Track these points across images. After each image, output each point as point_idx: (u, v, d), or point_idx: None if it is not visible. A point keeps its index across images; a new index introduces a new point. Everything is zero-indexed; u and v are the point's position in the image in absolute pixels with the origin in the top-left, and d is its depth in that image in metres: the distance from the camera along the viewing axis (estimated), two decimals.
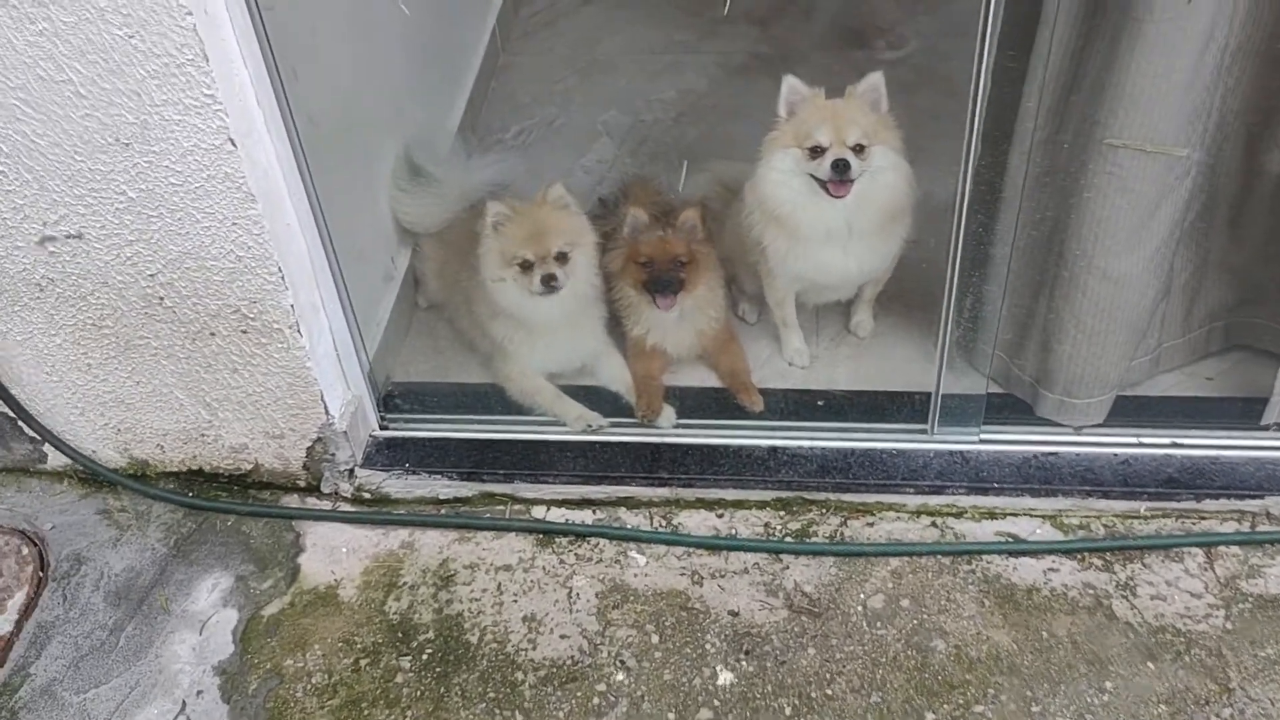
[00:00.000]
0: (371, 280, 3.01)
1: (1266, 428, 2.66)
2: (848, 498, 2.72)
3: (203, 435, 2.78)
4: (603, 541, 2.72)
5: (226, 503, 2.87)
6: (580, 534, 2.73)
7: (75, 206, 2.34)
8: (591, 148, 3.82)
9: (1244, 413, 2.70)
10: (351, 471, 2.83)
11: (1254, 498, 2.60)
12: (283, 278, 2.42)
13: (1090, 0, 2.17)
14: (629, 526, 2.74)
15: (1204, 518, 2.63)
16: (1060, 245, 2.46)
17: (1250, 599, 2.49)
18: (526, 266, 2.70)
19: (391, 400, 2.94)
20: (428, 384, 3.04)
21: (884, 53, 4.10)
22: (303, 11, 2.49)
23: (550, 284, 2.68)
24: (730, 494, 2.74)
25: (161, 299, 2.49)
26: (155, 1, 2.01)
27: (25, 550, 2.76)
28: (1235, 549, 2.58)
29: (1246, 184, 2.55)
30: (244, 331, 2.53)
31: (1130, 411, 2.73)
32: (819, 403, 2.87)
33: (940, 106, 3.85)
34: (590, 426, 2.84)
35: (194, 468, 2.87)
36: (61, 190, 2.31)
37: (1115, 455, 2.68)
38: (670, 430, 2.83)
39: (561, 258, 2.71)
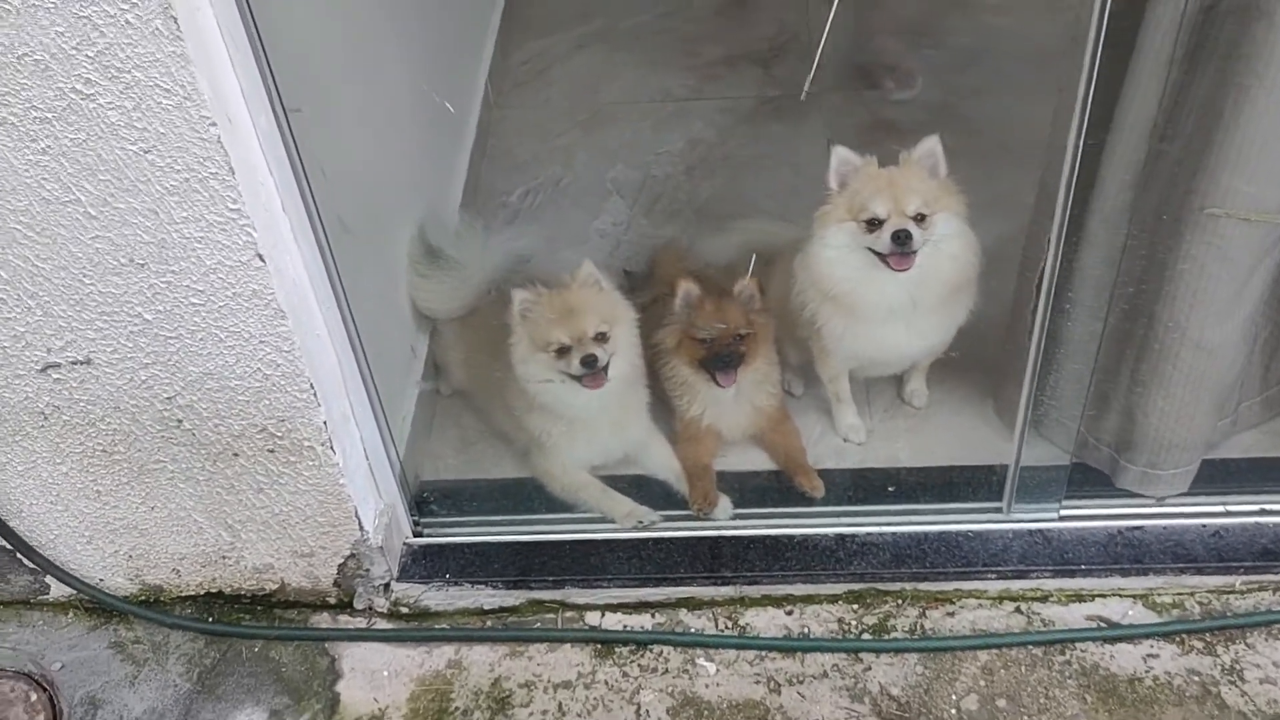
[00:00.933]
0: (394, 374, 2.79)
1: None
2: (924, 586, 2.55)
3: (224, 558, 2.56)
4: (666, 649, 2.53)
5: (251, 626, 2.64)
6: (641, 642, 2.54)
7: (83, 331, 2.11)
8: (603, 208, 3.63)
9: None
10: (387, 585, 2.61)
11: None
12: (314, 394, 2.21)
13: (1181, 77, 2.02)
14: (692, 630, 2.56)
15: None
16: (1149, 315, 2.31)
17: None
18: (563, 351, 2.50)
19: (424, 503, 2.73)
20: (461, 482, 2.83)
21: (894, 93, 3.95)
22: (327, 104, 2.29)
23: (591, 364, 2.48)
24: (799, 589, 2.57)
25: (180, 422, 2.27)
26: (174, 114, 1.80)
27: (34, 696, 2.51)
28: None
29: None
30: (271, 451, 2.32)
31: (1212, 477, 2.59)
32: (887, 487, 2.70)
33: (961, 146, 3.74)
34: (642, 523, 2.65)
35: (213, 590, 2.64)
36: (68, 315, 2.09)
37: (1204, 527, 2.54)
38: (728, 522, 2.65)
39: (600, 338, 2.52)
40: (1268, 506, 2.55)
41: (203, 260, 2.00)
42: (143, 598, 2.66)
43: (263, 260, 1.99)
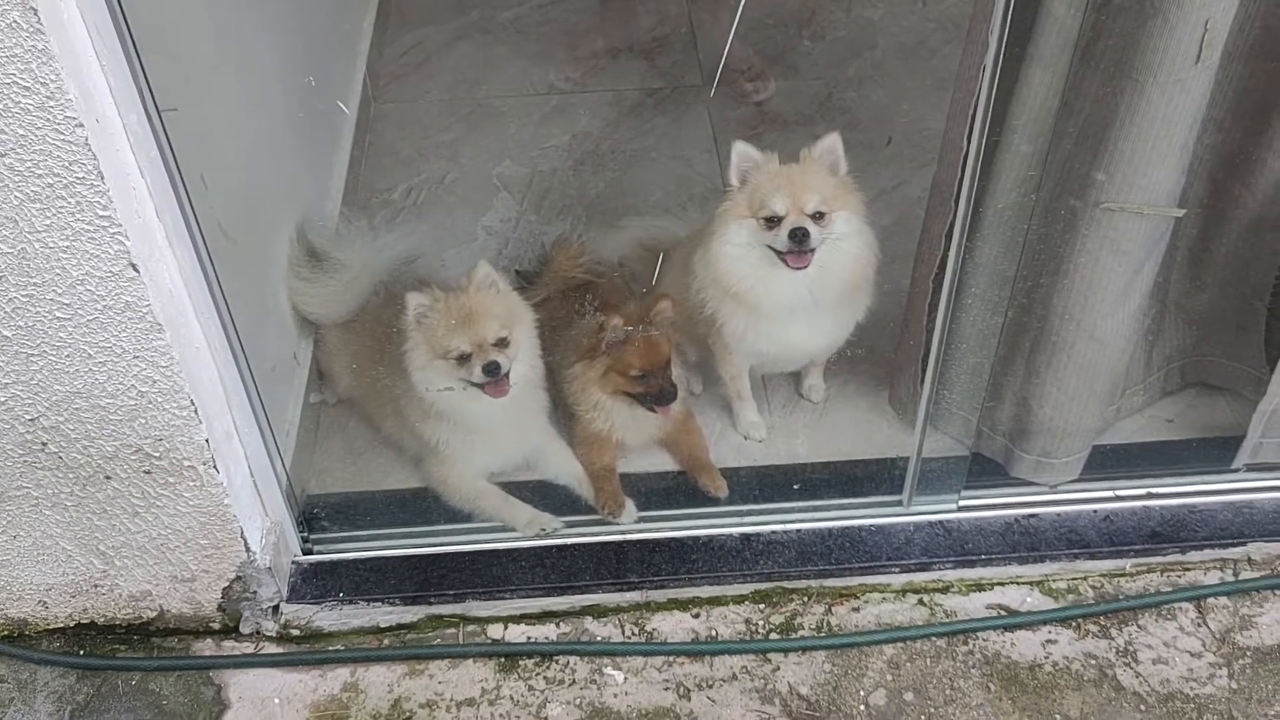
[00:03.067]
0: (278, 384, 2.65)
1: (1237, 470, 2.62)
2: (830, 583, 2.55)
3: (96, 586, 2.39)
4: (573, 659, 2.47)
5: (127, 657, 2.47)
6: (546, 653, 2.47)
7: None
8: (491, 205, 3.53)
9: (1211, 455, 2.67)
10: (276, 607, 2.48)
11: (1235, 544, 2.56)
12: (195, 411, 2.07)
13: (1078, 69, 2.04)
14: (599, 639, 2.50)
15: (1189, 569, 2.58)
16: (1045, 308, 2.35)
17: (1249, 653, 2.44)
18: (464, 358, 2.41)
19: (314, 519, 2.60)
20: (351, 495, 2.71)
21: (753, 95, 3.92)
22: (202, 103, 2.14)
23: (494, 371, 2.40)
24: (705, 591, 2.53)
25: (44, 445, 2.10)
26: (36, 114, 1.65)
27: None
28: (1224, 600, 2.53)
29: (1206, 228, 2.50)
30: (147, 472, 2.17)
31: (1101, 463, 2.66)
32: (790, 484, 2.69)
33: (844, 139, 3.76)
34: (544, 530, 2.57)
35: (84, 621, 2.46)
36: None
37: (1095, 512, 2.60)
38: (632, 526, 2.60)
39: (501, 343, 2.43)
40: (1154, 490, 2.63)
41: (69, 271, 1.84)
42: (5, 633, 2.47)
43: (136, 270, 1.85)
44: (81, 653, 2.47)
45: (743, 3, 2.22)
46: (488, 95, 4.01)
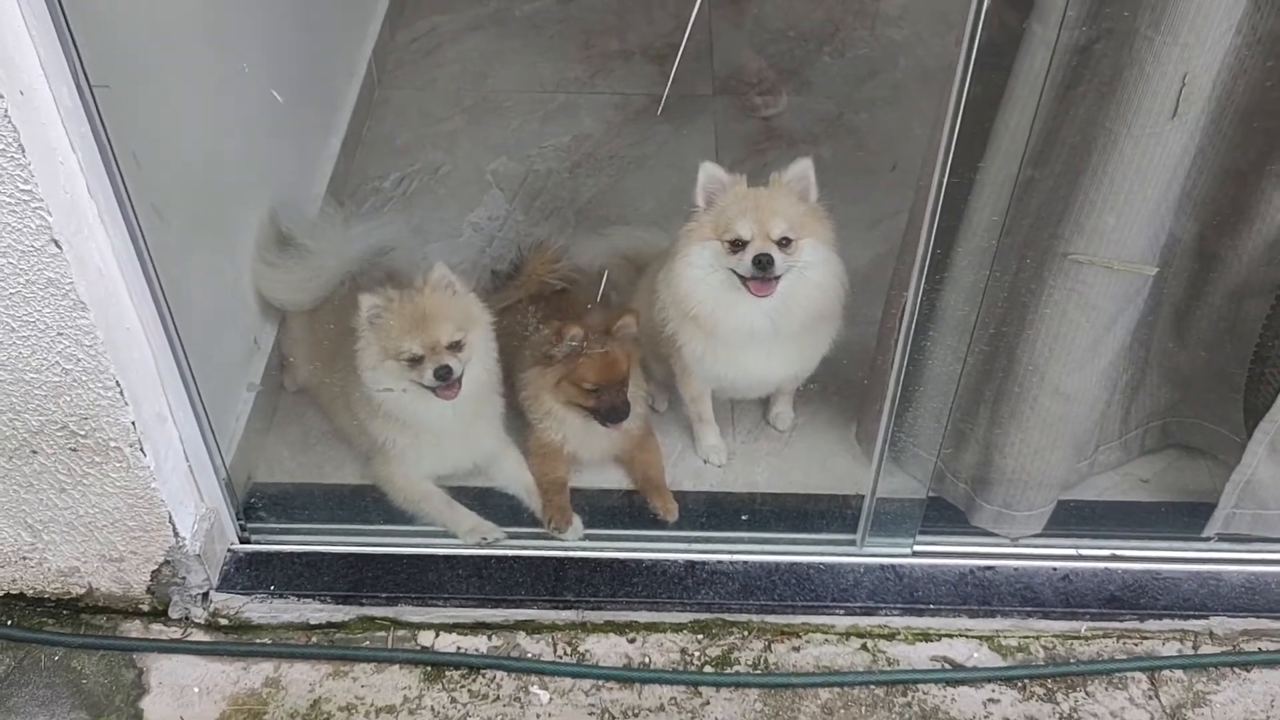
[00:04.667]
0: (230, 369, 2.62)
1: (1208, 539, 2.51)
2: (772, 619, 2.47)
3: (24, 558, 2.36)
4: (500, 674, 2.41)
5: (53, 632, 2.45)
6: (474, 665, 2.42)
7: None
8: (481, 201, 3.48)
9: (1183, 520, 2.56)
10: (206, 595, 2.45)
11: (1197, 617, 2.45)
12: (121, 392, 2.03)
13: (1053, 114, 1.95)
14: (530, 655, 2.44)
15: (1146, 638, 2.47)
16: (1009, 357, 2.26)
17: None
18: (415, 361, 2.36)
19: (254, 508, 2.56)
20: (296, 486, 2.67)
21: (762, 109, 3.84)
22: (146, 80, 2.10)
23: (445, 375, 2.35)
24: (644, 616, 2.47)
25: None
26: None
27: None
28: (1179, 673, 2.43)
29: (1191, 286, 2.39)
30: (73, 449, 2.13)
31: (1067, 519, 2.56)
32: (741, 514, 2.61)
33: (849, 161, 3.68)
34: (485, 540, 2.52)
35: (13, 592, 2.44)
36: None
37: (1054, 570, 2.50)
38: (575, 543, 2.54)
39: (455, 346, 2.38)
40: (1119, 552, 2.53)
41: None
42: None
43: (59, 247, 1.81)
44: (9, 623, 2.45)
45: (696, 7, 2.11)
46: (493, 88, 3.95)
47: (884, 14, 4.33)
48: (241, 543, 2.52)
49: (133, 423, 2.08)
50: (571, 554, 2.52)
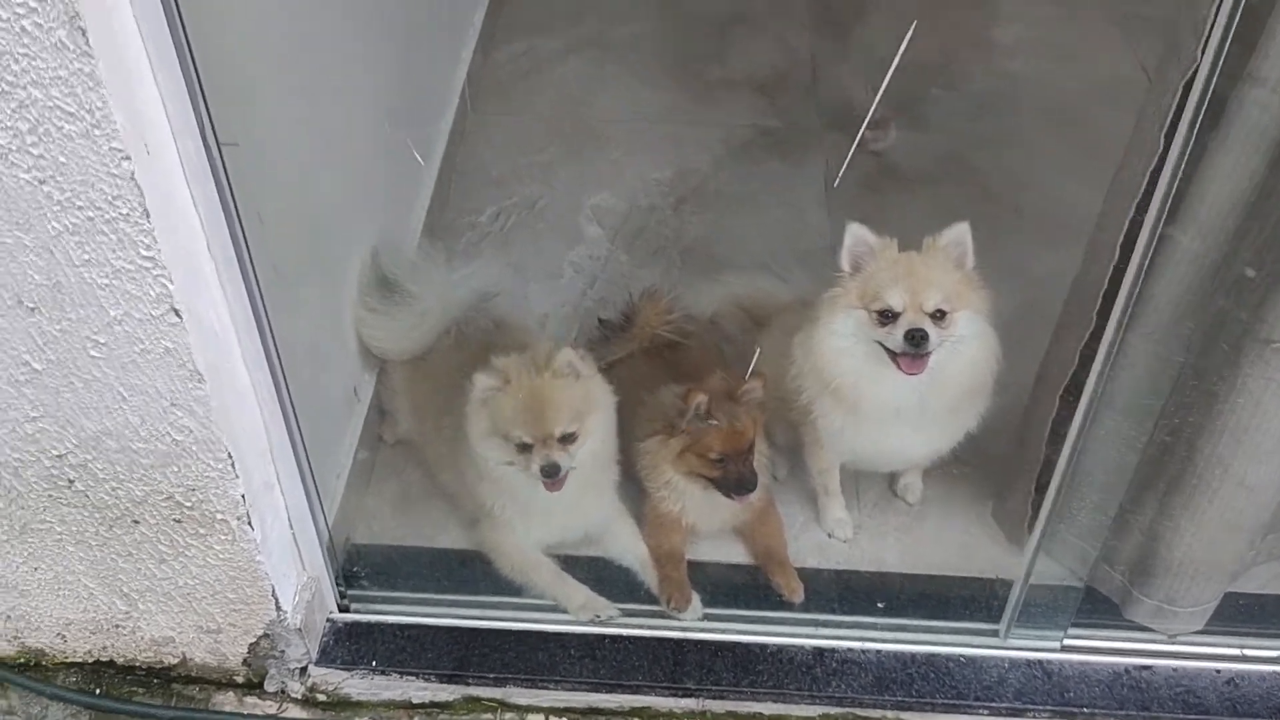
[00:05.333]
0: (331, 421, 2.47)
1: None
2: (908, 716, 2.28)
3: (117, 627, 2.23)
4: None
5: (143, 703, 2.31)
6: None
7: None
8: (581, 238, 3.32)
9: None
10: (304, 669, 2.30)
11: None
12: (232, 464, 1.89)
13: (1261, 185, 1.76)
14: None
15: None
16: (1188, 447, 2.05)
17: None
18: (523, 448, 2.20)
19: (354, 574, 2.41)
20: (397, 549, 2.52)
21: (871, 144, 3.65)
22: (271, 132, 1.96)
23: (553, 473, 2.18)
24: (769, 708, 2.29)
25: (71, 482, 1.94)
26: (79, 142, 1.47)
27: None
28: None
29: None
30: (177, 521, 1.99)
31: (1231, 614, 2.35)
32: (873, 596, 2.42)
33: (966, 203, 3.46)
34: (599, 617, 2.35)
35: (103, 659, 2.31)
36: None
37: (1219, 673, 2.30)
38: (695, 623, 2.36)
39: (568, 438, 2.20)
40: None
41: (106, 310, 1.67)
42: (21, 661, 2.32)
43: (179, 316, 1.67)
44: (97, 692, 2.32)
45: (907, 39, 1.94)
46: (592, 116, 3.79)
47: (999, 44, 4.13)
48: (341, 611, 2.38)
49: (242, 495, 1.94)
50: (691, 635, 2.34)
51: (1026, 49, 4.09)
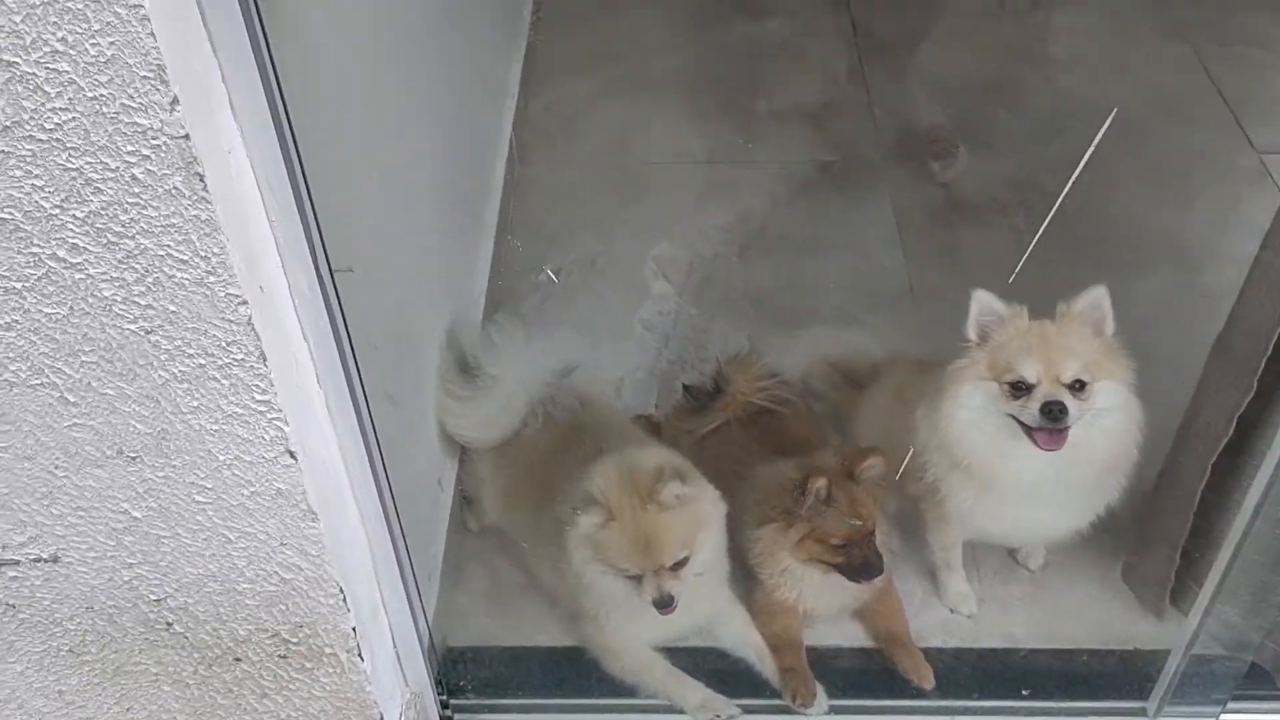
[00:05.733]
0: (423, 523, 2.33)
1: None
2: None
3: None
4: None
5: None
6: None
7: (51, 527, 1.64)
8: (646, 293, 3.18)
9: None
10: None
11: None
12: (344, 599, 1.75)
13: None
14: None
15: None
16: None
17: None
18: (631, 578, 2.08)
19: (454, 682, 2.27)
20: (496, 650, 2.37)
21: (939, 174, 3.52)
22: (383, 254, 1.83)
23: (666, 603, 2.06)
24: None
25: (169, 625, 1.80)
26: (192, 290, 1.33)
27: None
28: None
29: None
30: (282, 656, 1.85)
31: None
32: (1005, 677, 2.29)
33: (1046, 232, 3.32)
34: (719, 717, 2.21)
35: None
36: (30, 509, 1.61)
37: None
38: (821, 717, 2.22)
39: (680, 564, 2.07)
40: None
41: (214, 455, 1.53)
42: None
43: (294, 458, 1.53)
44: None
45: None
46: (640, 160, 3.65)
47: (1053, 59, 4.00)
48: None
49: (353, 628, 1.80)
50: None
51: (1083, 63, 3.96)
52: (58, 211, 1.26)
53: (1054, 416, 1.97)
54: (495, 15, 3.57)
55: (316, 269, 1.46)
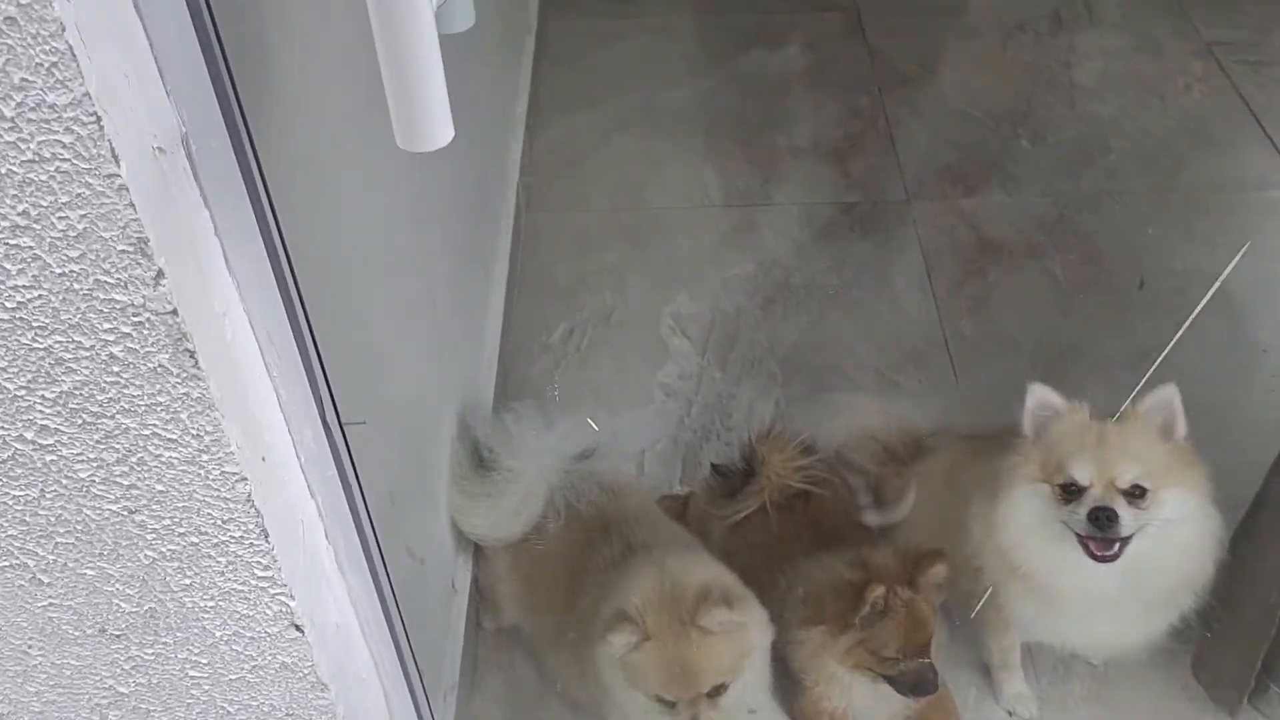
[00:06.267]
0: (433, 633, 2.15)
1: None
2: None
3: None
4: None
5: None
6: None
7: (28, 704, 1.45)
8: (666, 354, 2.99)
9: None
10: None
11: None
12: None
13: None
14: None
15: None
16: None
17: None
18: (667, 704, 1.90)
19: None
20: None
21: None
22: (395, 406, 1.64)
23: None
24: None
25: None
26: (181, 469, 1.15)
27: None
28: None
29: None
30: None
31: None
32: None
33: (1081, 272, 3.18)
34: None
35: None
36: (3, 687, 1.42)
37: None
38: None
39: (717, 690, 1.89)
40: None
41: (210, 631, 1.34)
42: None
43: (300, 631, 1.35)
44: None
45: None
46: (652, 204, 3.47)
47: (1079, 85, 3.82)
48: None
49: None
50: None
51: (1109, 88, 3.78)
52: (24, 392, 1.07)
53: (1101, 525, 1.80)
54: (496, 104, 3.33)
55: (324, 422, 1.27)
